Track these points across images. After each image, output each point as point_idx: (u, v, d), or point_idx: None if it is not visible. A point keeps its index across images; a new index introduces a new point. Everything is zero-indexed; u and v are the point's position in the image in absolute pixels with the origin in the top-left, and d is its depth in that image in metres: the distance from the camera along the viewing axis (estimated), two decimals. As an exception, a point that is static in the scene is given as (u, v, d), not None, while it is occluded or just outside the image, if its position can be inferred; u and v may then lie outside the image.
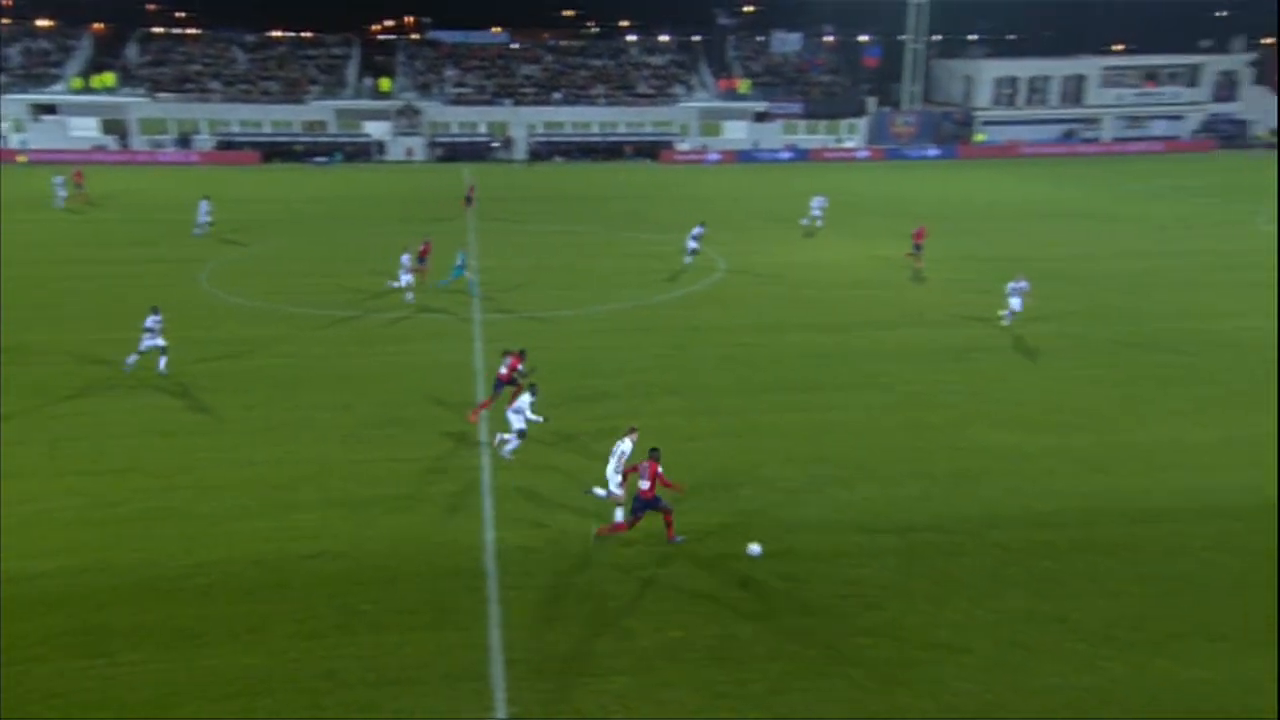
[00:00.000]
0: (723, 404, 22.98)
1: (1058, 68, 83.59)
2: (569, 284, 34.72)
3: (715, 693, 12.87)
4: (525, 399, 19.47)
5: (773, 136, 79.50)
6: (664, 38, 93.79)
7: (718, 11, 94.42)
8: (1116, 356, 26.28)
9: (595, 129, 79.88)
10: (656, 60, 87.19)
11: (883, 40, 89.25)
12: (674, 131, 79.56)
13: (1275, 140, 79.38)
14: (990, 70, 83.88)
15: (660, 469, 16.02)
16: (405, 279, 31.56)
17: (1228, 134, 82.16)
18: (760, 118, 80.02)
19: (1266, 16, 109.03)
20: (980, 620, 14.28)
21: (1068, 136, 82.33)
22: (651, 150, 78.02)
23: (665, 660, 13.52)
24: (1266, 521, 16.97)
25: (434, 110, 78.79)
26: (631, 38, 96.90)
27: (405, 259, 31.90)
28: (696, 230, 37.42)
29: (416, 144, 77.40)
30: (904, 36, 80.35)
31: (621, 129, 79.83)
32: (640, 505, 15.98)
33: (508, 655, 13.56)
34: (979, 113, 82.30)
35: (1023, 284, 28.83)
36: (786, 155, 77.93)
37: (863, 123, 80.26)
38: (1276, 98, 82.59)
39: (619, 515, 16.81)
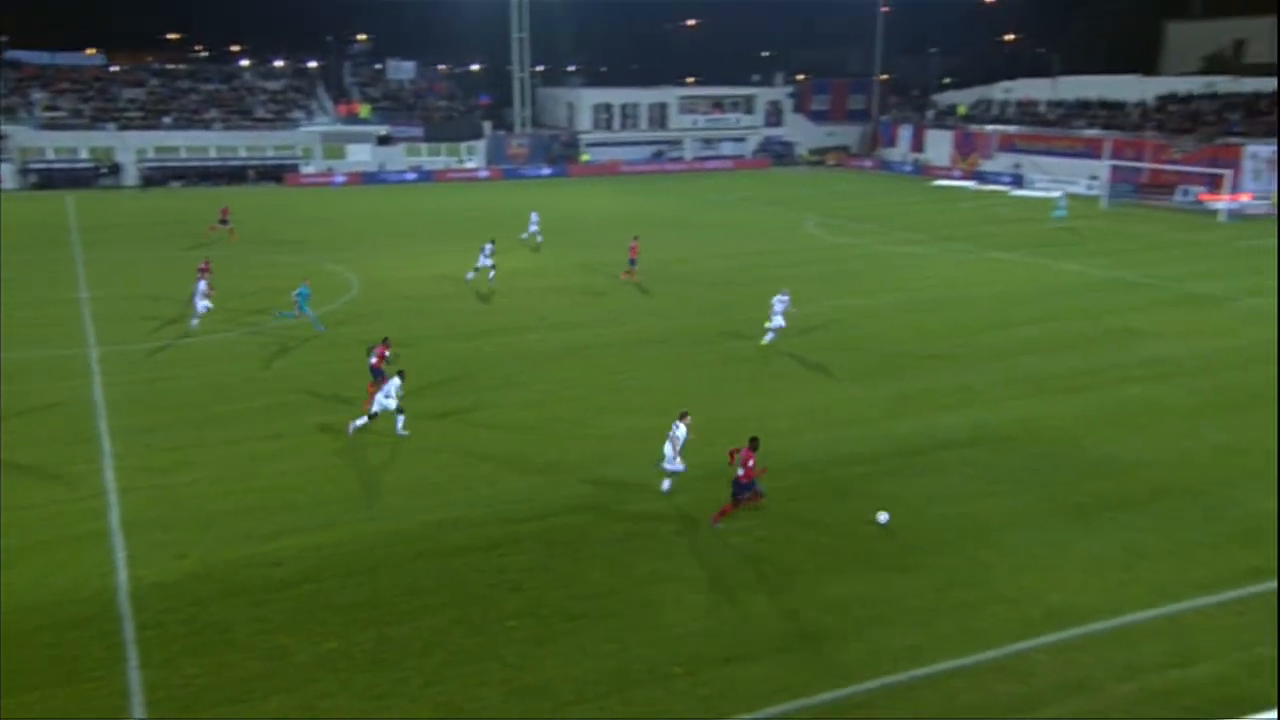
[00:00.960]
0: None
1: (645, 96, 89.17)
2: (222, 309, 31.78)
3: (374, 695, 12.33)
4: (395, 383, 20.38)
5: (397, 159, 77.82)
6: (279, 63, 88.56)
7: (332, 39, 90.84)
8: (715, 345, 28.42)
9: (213, 153, 73.67)
10: (272, 85, 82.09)
11: (493, 70, 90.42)
12: (297, 155, 75.36)
13: (814, 159, 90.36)
14: (589, 98, 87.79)
15: (754, 458, 16.42)
16: (203, 305, 29.32)
17: (779, 153, 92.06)
18: (383, 141, 78.02)
19: (799, 58, 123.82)
20: (614, 586, 14.83)
21: (657, 156, 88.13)
22: (276, 173, 73.38)
23: (323, 672, 12.75)
24: (828, 471, 19.16)
25: (23, 135, 68.60)
26: (244, 62, 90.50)
27: (202, 285, 29.49)
28: (488, 247, 36.03)
29: (5, 171, 67.03)
30: (510, 67, 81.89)
31: (242, 153, 74.26)
32: (740, 489, 16.59)
33: (149, 696, 12.12)
34: (583, 135, 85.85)
35: (785, 298, 27.61)
36: (412, 176, 76.62)
37: (481, 145, 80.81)
38: (809, 123, 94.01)
39: (666, 486, 17.96)
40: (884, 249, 43.96)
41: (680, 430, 17.72)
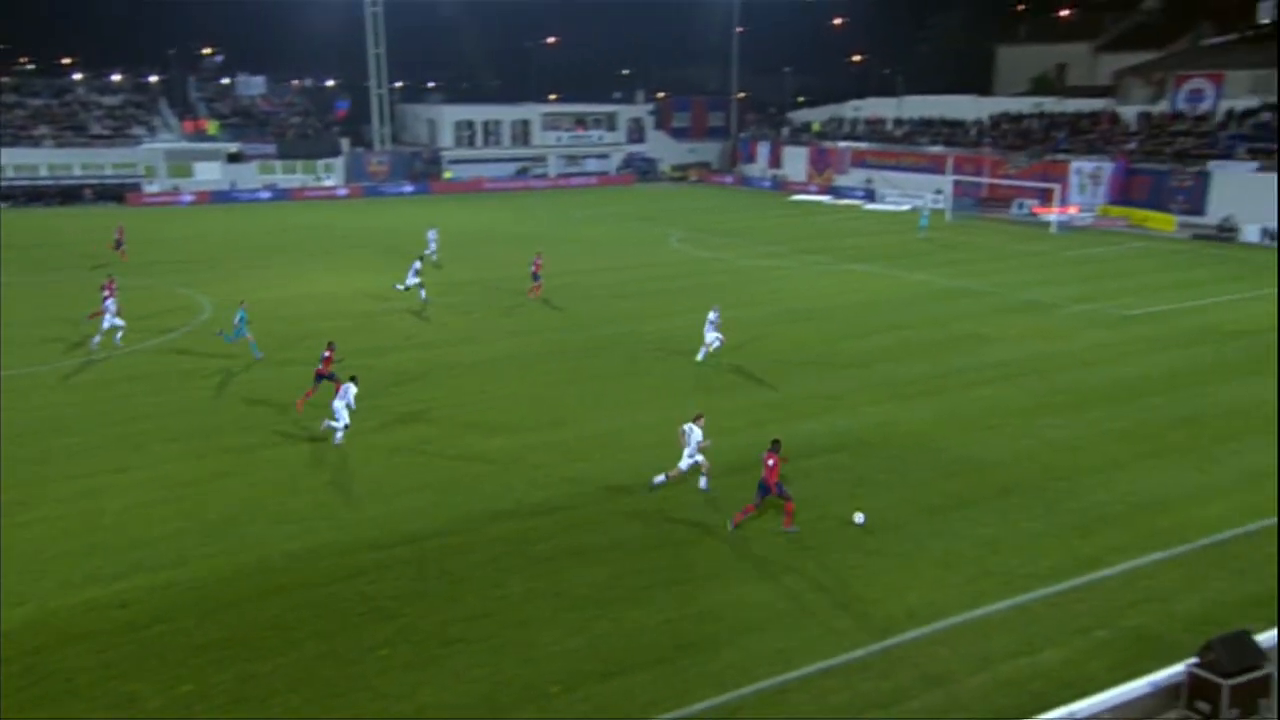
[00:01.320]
0: (226, 443, 21.12)
1: (508, 113, 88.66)
2: (43, 338, 29.72)
3: (239, 739, 11.74)
4: (350, 389, 20.74)
5: (250, 177, 74.78)
6: (116, 76, 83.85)
7: (174, 52, 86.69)
8: (584, 359, 28.43)
9: (44, 171, 69.08)
10: (109, 100, 77.64)
11: (350, 85, 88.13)
12: (139, 173, 71.45)
13: (677, 175, 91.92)
14: (451, 115, 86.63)
15: (775, 459, 16.79)
16: (113, 321, 28.90)
17: (643, 170, 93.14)
18: (234, 158, 74.85)
19: (659, 76, 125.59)
20: (488, 608, 14.59)
21: (521, 173, 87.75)
22: (116, 193, 69.35)
23: (178, 716, 12.04)
24: (694, 481, 19.46)
25: None
26: (77, 76, 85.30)
27: (110, 304, 28.93)
28: (416, 264, 35.48)
29: None
30: (368, 83, 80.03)
31: (77, 171, 69.89)
32: (765, 490, 16.97)
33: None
34: (445, 152, 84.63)
35: (715, 315, 27.53)
36: (266, 195, 73.78)
37: (339, 162, 78.59)
38: (671, 139, 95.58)
39: (659, 479, 18.50)
40: (747, 263, 45.00)
41: (696, 431, 18.18)
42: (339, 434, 20.91)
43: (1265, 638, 11.85)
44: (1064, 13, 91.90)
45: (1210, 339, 30.58)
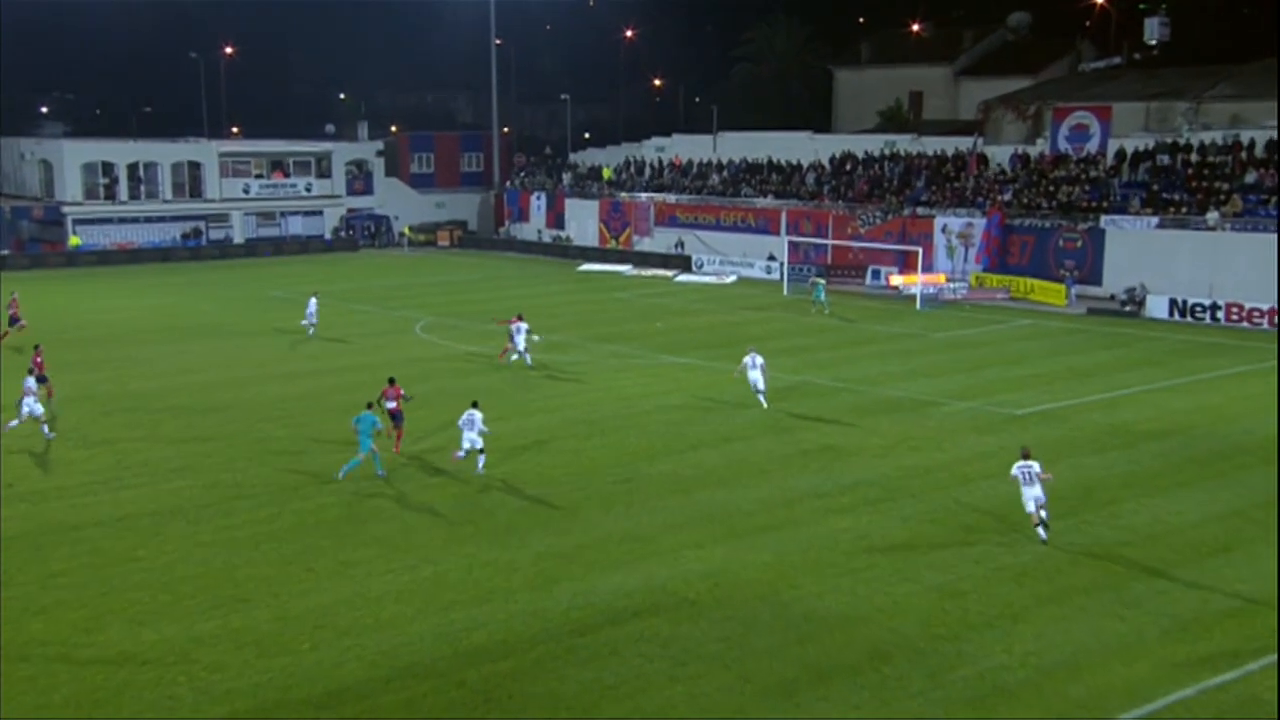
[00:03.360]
0: None
1: (168, 152, 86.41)
2: None
3: None
4: (477, 415, 29.15)
5: None
6: None
7: None
8: (283, 503, 27.33)
9: None
10: None
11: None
12: None
13: (420, 238, 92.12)
14: (77, 153, 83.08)
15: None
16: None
17: (370, 231, 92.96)
18: None
19: (390, 103, 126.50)
20: None
21: (192, 237, 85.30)
22: None
23: None
24: (460, 673, 18.85)
25: None
26: None
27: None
28: (28, 381, 34.00)
29: None
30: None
31: None
32: None
33: None
34: (70, 208, 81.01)
35: (521, 326, 28.75)
36: None
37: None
38: (410, 190, 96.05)
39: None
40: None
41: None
42: (480, 460, 29.29)
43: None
44: (914, 27, 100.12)
45: (1120, 442, 33.14)
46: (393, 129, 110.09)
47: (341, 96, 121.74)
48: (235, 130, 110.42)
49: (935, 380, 41.47)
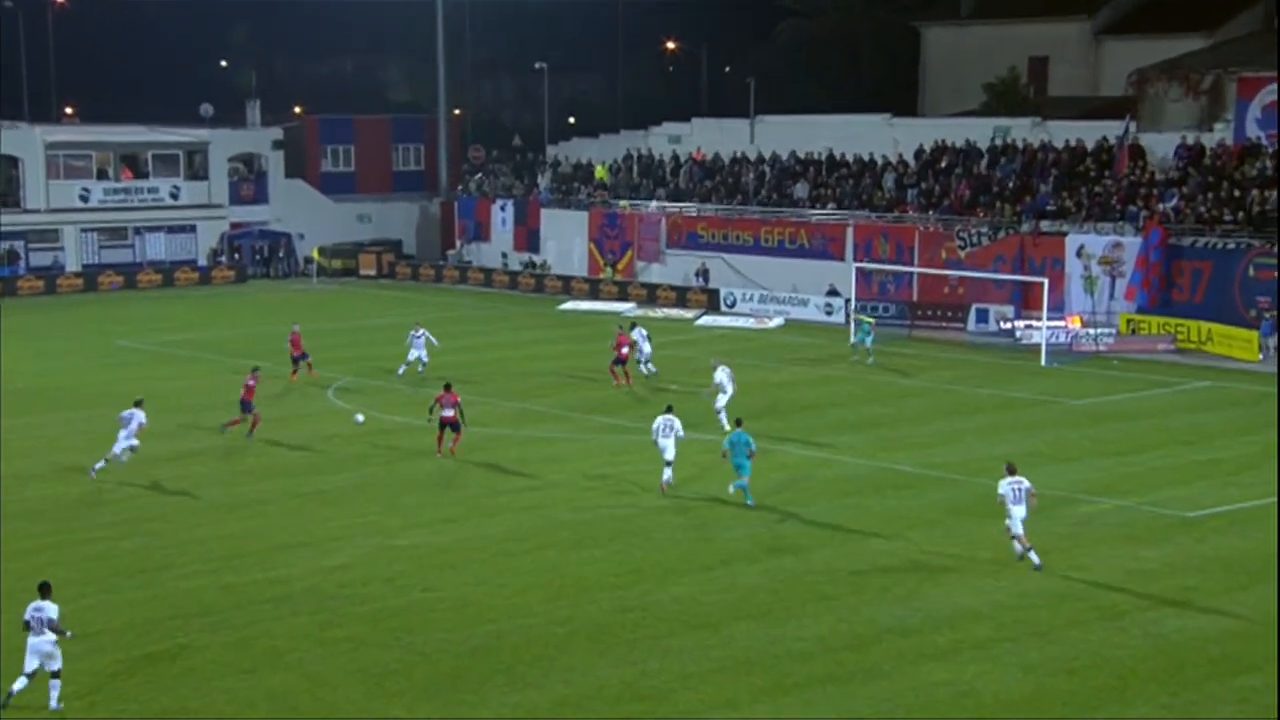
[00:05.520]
0: None
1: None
2: None
3: None
4: (676, 422, 38.22)
5: None
6: None
7: None
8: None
9: None
10: None
11: None
12: None
13: (336, 265, 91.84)
14: None
15: None
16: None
17: (264, 256, 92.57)
18: None
19: (292, 73, 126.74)
20: None
21: (4, 263, 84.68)
22: None
23: None
24: None
25: None
26: None
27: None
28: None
29: None
30: None
31: None
32: None
33: None
34: None
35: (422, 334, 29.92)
36: None
37: None
38: (320, 196, 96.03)
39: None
40: (486, 432, 45.19)
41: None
42: None
43: None
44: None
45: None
46: (296, 110, 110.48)
47: (223, 64, 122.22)
48: (69, 112, 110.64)
49: (1069, 467, 41.13)
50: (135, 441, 39.82)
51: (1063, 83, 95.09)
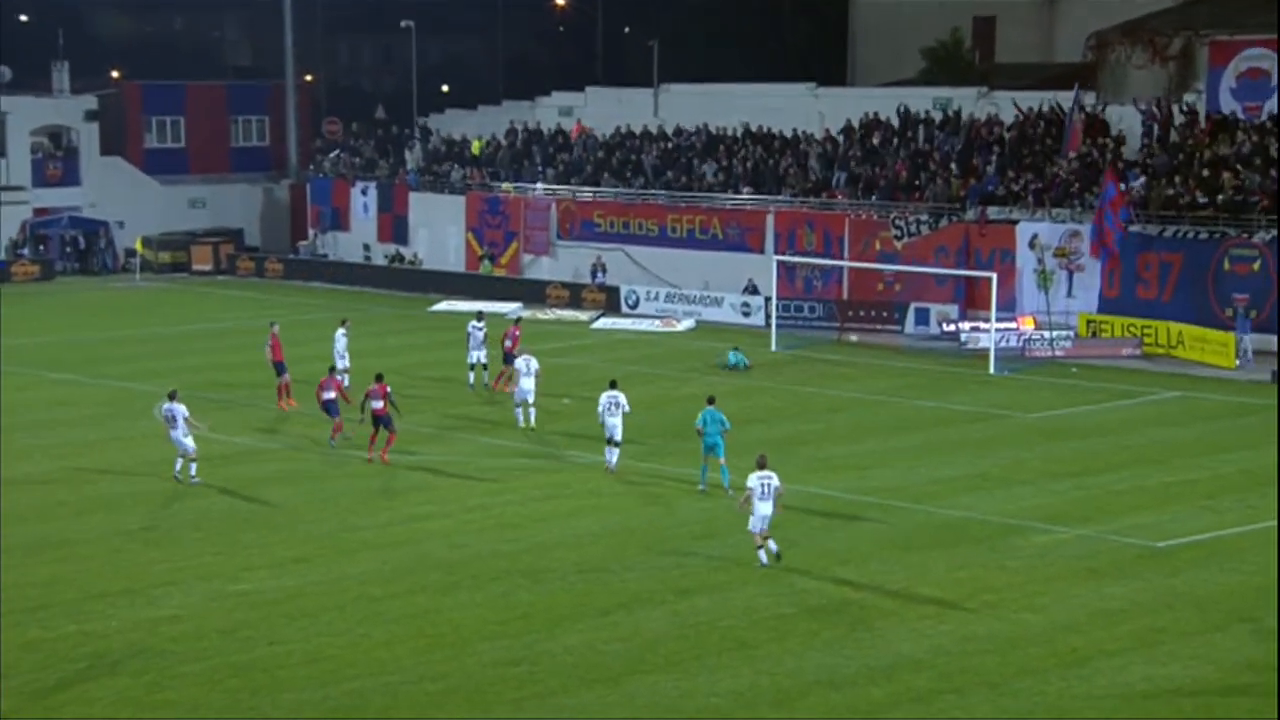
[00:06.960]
0: None
1: None
2: None
3: None
4: (621, 397, 43.10)
5: None
6: None
7: None
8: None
9: None
10: None
11: None
12: None
13: (165, 260, 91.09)
14: None
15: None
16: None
17: (78, 249, 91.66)
18: None
19: (110, 31, 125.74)
20: None
21: None
22: None
23: None
24: None
25: None
26: None
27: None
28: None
29: None
30: None
31: None
32: None
33: None
34: None
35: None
36: None
37: None
38: (144, 176, 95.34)
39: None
40: (338, 456, 45.30)
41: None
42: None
43: None
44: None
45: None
46: (114, 74, 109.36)
47: (22, 19, 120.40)
48: None
49: (1022, 491, 41.65)
50: (191, 443, 42.27)
51: (1012, 47, 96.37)
